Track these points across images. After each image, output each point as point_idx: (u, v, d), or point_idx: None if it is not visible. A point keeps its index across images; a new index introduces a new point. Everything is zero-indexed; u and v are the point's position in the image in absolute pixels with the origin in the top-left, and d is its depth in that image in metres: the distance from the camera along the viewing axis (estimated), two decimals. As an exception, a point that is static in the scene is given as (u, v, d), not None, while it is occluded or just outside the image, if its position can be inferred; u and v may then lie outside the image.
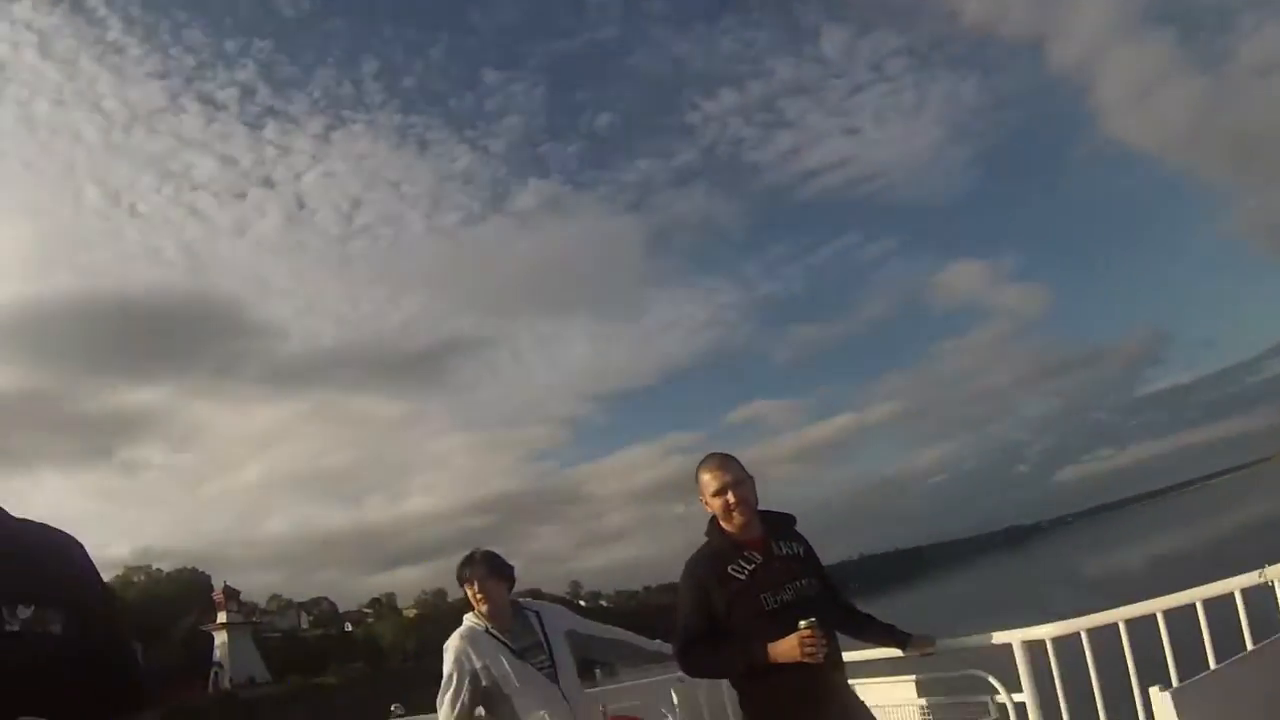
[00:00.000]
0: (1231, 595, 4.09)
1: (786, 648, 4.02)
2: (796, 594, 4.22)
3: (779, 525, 4.46)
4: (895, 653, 4.68)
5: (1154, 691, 3.00)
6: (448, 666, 4.86)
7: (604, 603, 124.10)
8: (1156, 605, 4.24)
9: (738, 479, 4.31)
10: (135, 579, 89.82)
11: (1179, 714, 2.81)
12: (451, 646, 4.92)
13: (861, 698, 4.38)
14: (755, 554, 4.26)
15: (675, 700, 6.20)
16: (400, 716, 6.06)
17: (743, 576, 4.20)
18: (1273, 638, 3.73)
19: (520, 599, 5.19)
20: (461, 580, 5.05)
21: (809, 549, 4.48)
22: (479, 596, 4.98)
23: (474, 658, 4.83)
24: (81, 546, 2.04)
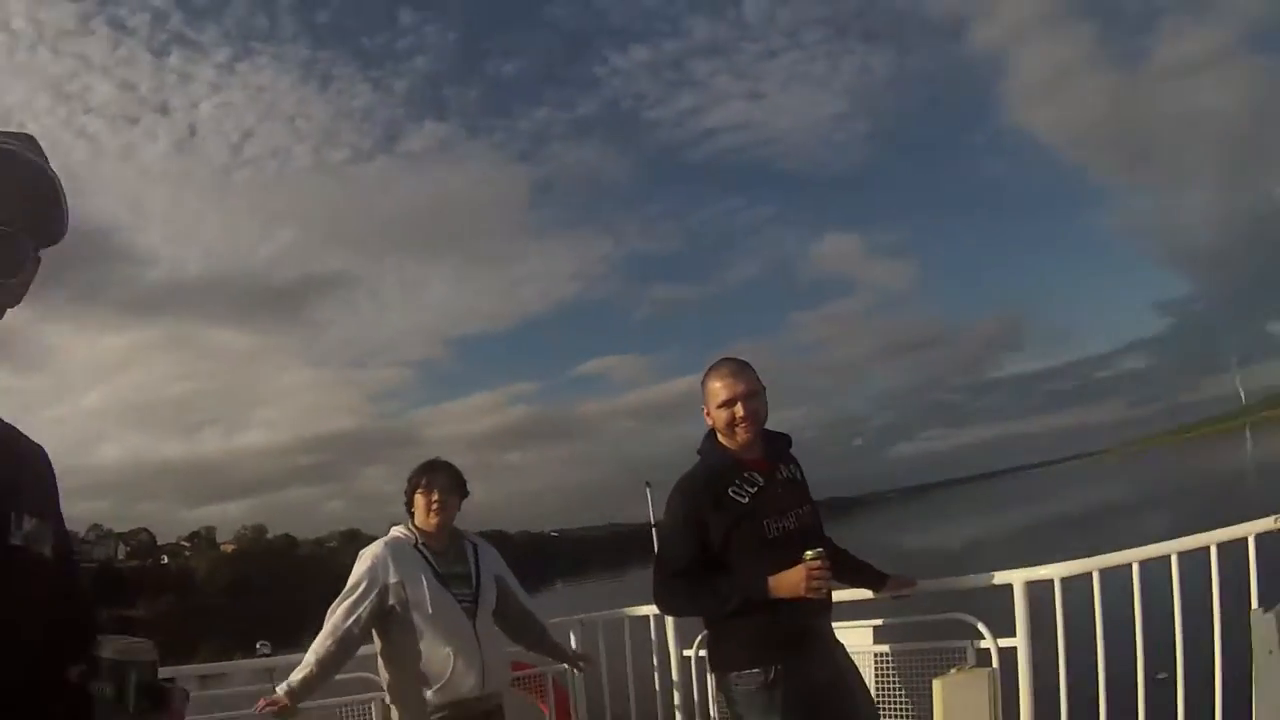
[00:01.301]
0: (1244, 540, 3.90)
1: (791, 581, 3.61)
2: (799, 522, 3.82)
3: (778, 445, 4.00)
4: (865, 594, 4.35)
5: (1257, 612, 2.86)
6: (357, 573, 4.35)
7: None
8: (1169, 548, 4.03)
9: (752, 390, 3.82)
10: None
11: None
12: (369, 553, 4.44)
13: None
14: (757, 475, 3.81)
15: (574, 643, 5.84)
16: (267, 655, 5.42)
17: (744, 500, 3.75)
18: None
19: (459, 528, 4.69)
20: (415, 486, 4.54)
21: (803, 474, 4.05)
22: (435, 505, 4.49)
23: (391, 570, 4.33)
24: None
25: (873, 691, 4.30)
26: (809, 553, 3.60)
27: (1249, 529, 3.90)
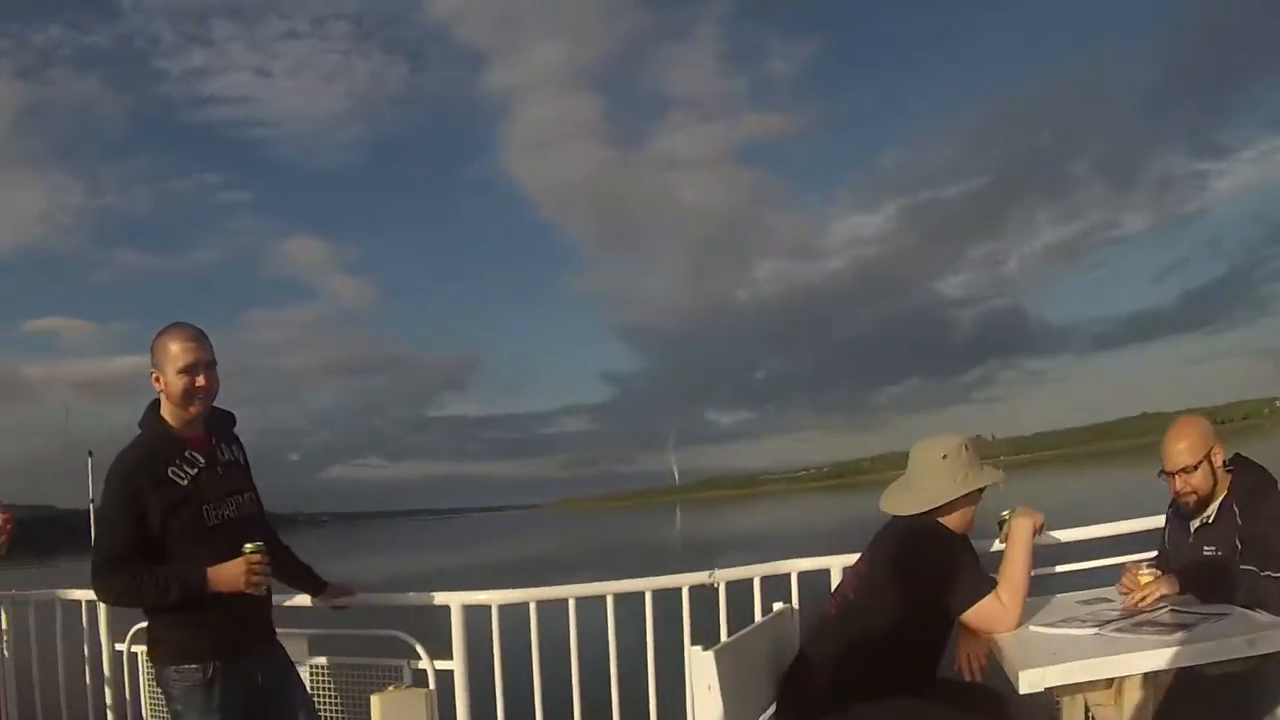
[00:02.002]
0: (679, 589, 4.34)
1: (231, 575, 3.40)
2: (239, 510, 3.58)
3: (222, 424, 3.70)
4: (303, 599, 4.21)
5: (696, 650, 3.07)
6: None
7: None
8: (607, 588, 4.36)
9: (211, 360, 3.51)
10: None
11: (719, 670, 2.98)
12: None
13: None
14: (198, 455, 3.50)
15: (4, 624, 5.36)
16: None
17: (184, 482, 3.43)
18: (771, 614, 4.02)
19: None
20: None
21: (246, 456, 3.79)
22: None
23: None
24: None
25: (309, 702, 4.18)
26: (249, 546, 3.41)
27: (684, 580, 4.33)
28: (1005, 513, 3.70)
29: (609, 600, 4.29)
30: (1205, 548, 3.69)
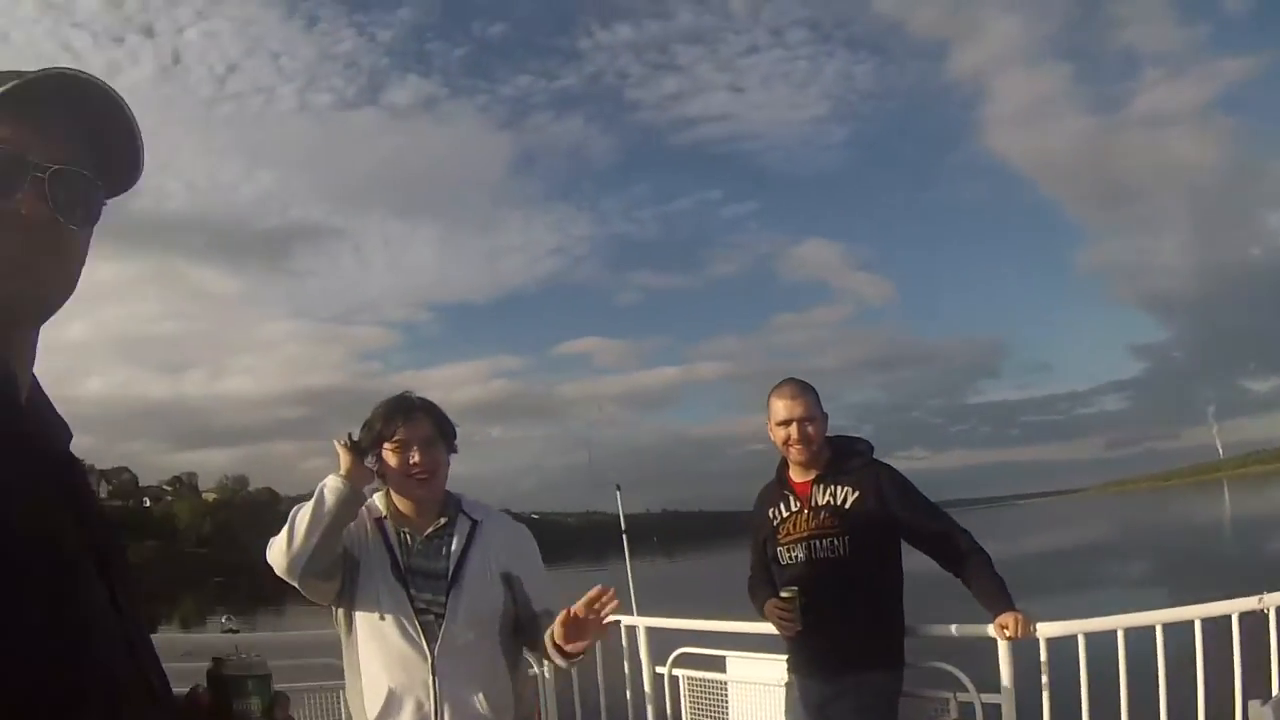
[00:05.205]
0: (1229, 617, 3.92)
1: (766, 611, 4.05)
2: (811, 553, 3.96)
3: (839, 462, 4.06)
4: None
5: (1254, 705, 2.90)
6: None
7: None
8: (1155, 617, 4.08)
9: (809, 415, 4.01)
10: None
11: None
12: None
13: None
14: (796, 498, 4.04)
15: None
16: (233, 631, 5.28)
17: (775, 521, 4.08)
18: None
19: (456, 492, 3.18)
20: (386, 433, 3.01)
21: (869, 492, 3.96)
22: (417, 467, 3.00)
23: (356, 539, 2.99)
24: None
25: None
26: (784, 592, 3.94)
27: (1233, 606, 3.89)
28: None
29: (1158, 631, 3.99)
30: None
